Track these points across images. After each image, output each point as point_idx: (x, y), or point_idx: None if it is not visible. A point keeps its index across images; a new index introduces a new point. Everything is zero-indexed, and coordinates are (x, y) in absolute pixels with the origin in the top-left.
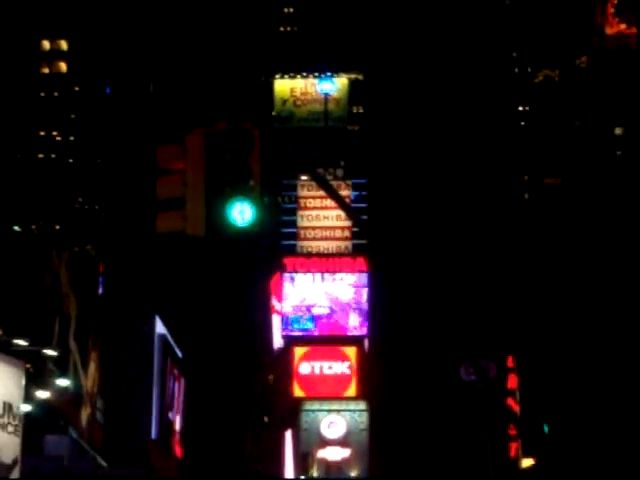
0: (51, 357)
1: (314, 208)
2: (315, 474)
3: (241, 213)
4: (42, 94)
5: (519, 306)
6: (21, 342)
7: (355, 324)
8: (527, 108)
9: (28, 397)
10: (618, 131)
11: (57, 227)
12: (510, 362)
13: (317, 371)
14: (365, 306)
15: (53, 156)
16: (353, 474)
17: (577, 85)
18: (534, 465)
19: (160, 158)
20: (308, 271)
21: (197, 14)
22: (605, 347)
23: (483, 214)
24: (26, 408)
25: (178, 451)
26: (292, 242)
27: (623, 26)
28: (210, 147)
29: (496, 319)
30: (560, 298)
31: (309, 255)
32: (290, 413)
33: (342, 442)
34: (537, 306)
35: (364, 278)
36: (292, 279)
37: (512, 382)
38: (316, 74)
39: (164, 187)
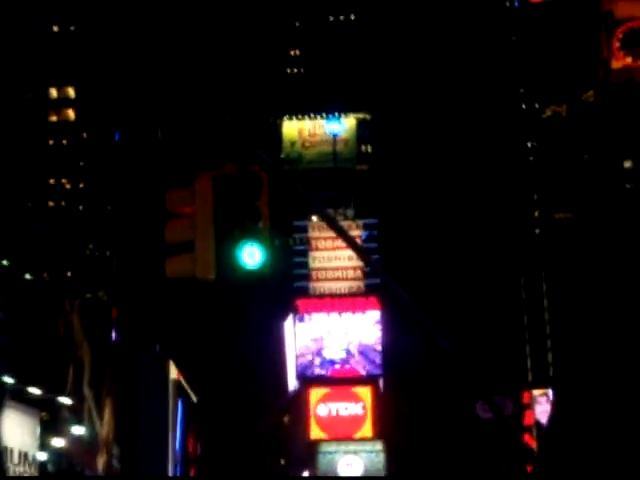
0: (66, 405)
1: (325, 249)
2: None
3: (251, 255)
4: (51, 142)
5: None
6: (35, 391)
7: (370, 364)
8: (535, 144)
9: (44, 445)
10: (627, 164)
11: (69, 274)
12: (526, 398)
13: (333, 412)
14: (379, 345)
15: (63, 204)
16: None
17: (585, 119)
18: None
19: (169, 202)
20: (321, 312)
21: (204, 58)
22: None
23: (495, 251)
24: (42, 457)
25: None
26: (304, 284)
27: (629, 59)
28: (219, 190)
29: (511, 355)
30: (574, 330)
31: (321, 296)
32: (307, 455)
33: None
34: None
35: (377, 317)
36: (305, 320)
37: (529, 418)
38: (324, 115)
39: (173, 231)
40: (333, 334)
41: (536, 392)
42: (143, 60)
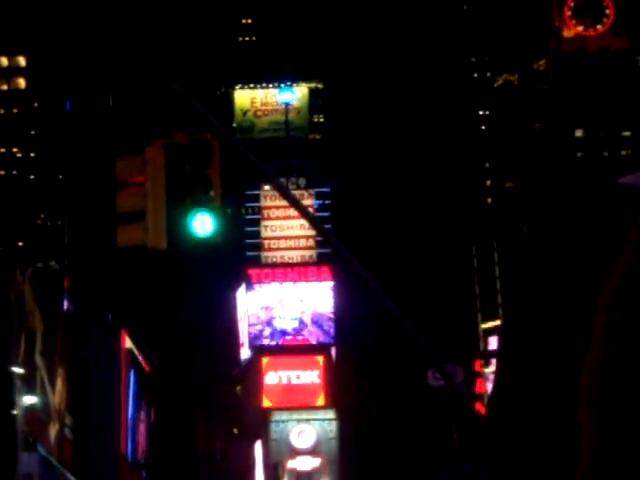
0: (18, 374)
1: (278, 218)
2: None
3: (202, 224)
4: (1, 111)
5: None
6: None
7: (325, 335)
8: (487, 112)
9: None
10: (578, 133)
11: (20, 244)
12: (477, 366)
13: (285, 381)
14: (331, 314)
15: (14, 173)
16: None
17: (536, 88)
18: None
19: (119, 171)
20: (273, 281)
21: (156, 26)
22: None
23: (447, 220)
24: None
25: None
26: (256, 253)
27: (580, 28)
28: (170, 158)
29: (463, 323)
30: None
31: (274, 265)
32: (259, 424)
33: (312, 451)
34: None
35: (329, 286)
36: (256, 290)
37: (480, 386)
38: (276, 84)
39: (124, 200)
40: (285, 303)
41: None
42: (94, 28)
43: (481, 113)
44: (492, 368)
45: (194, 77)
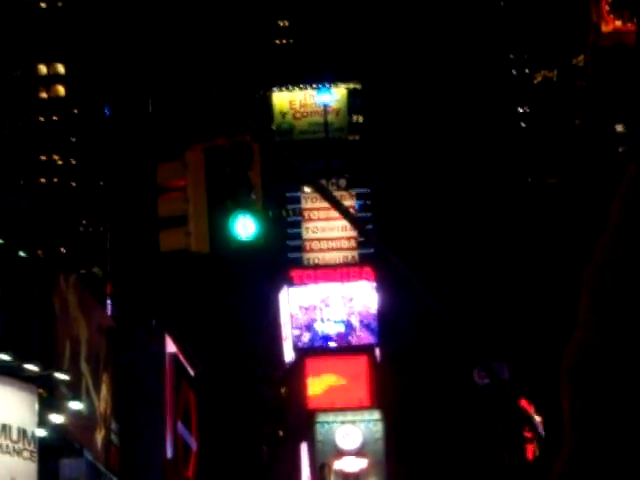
0: (63, 381)
1: (319, 219)
2: None
3: (244, 227)
4: (41, 119)
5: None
6: (32, 367)
7: (375, 337)
8: (527, 109)
9: (42, 422)
10: (619, 128)
11: (63, 250)
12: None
13: (329, 382)
14: (375, 314)
15: (55, 180)
16: None
17: (576, 84)
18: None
19: (160, 175)
20: (316, 282)
21: (193, 30)
22: None
23: (488, 217)
24: (41, 433)
25: (192, 470)
26: (298, 254)
27: (619, 23)
28: (210, 162)
29: (507, 321)
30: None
31: (316, 266)
32: (304, 426)
33: (358, 452)
34: (543, 309)
35: (372, 287)
36: (298, 291)
37: None
38: (314, 85)
39: (165, 205)
40: (331, 303)
41: None
42: (132, 34)
43: (521, 110)
44: None
45: (232, 80)
